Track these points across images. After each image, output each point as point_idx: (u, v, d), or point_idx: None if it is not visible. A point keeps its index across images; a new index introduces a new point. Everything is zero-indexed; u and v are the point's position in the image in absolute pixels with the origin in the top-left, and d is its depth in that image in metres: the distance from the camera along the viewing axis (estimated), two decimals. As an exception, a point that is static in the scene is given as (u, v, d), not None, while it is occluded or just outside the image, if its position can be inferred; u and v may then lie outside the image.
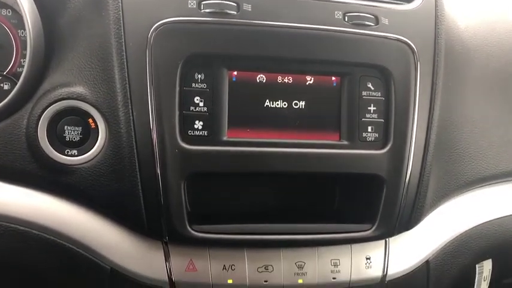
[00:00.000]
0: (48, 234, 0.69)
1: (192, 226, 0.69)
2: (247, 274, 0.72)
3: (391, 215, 0.73)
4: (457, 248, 0.82)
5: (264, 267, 0.72)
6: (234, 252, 0.72)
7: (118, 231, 0.71)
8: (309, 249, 0.74)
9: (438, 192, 0.79)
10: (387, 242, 0.77)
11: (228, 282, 0.71)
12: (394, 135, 0.73)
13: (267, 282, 0.72)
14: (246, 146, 0.69)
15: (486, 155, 0.85)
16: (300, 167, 0.71)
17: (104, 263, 0.70)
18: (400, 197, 0.73)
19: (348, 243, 0.75)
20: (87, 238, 0.70)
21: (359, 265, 0.75)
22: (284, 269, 0.73)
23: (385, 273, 0.76)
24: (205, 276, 0.70)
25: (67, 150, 0.68)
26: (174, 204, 0.67)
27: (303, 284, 0.73)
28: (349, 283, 0.74)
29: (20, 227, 0.69)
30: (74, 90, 0.68)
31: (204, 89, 0.68)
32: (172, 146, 0.66)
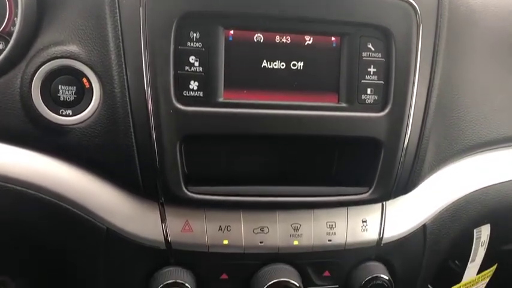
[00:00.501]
0: (45, 194, 0.69)
1: (188, 187, 0.69)
2: (243, 235, 0.72)
3: (388, 179, 0.73)
4: (455, 213, 0.82)
5: (260, 228, 0.73)
6: (230, 214, 0.72)
7: (114, 192, 0.71)
8: (305, 212, 0.74)
9: (437, 157, 0.79)
10: (384, 206, 0.77)
11: (224, 243, 0.71)
12: (393, 97, 0.71)
13: (262, 243, 0.72)
14: (242, 107, 0.68)
15: (487, 120, 0.84)
16: (297, 130, 0.70)
17: (100, 224, 0.71)
18: (398, 160, 0.72)
19: (344, 206, 0.75)
20: (84, 199, 0.70)
21: (355, 228, 0.75)
22: (280, 230, 0.73)
23: (381, 236, 0.76)
24: (201, 236, 0.71)
25: (61, 110, 0.67)
26: (170, 165, 0.67)
27: (298, 245, 0.73)
28: (345, 245, 0.75)
29: (16, 187, 0.69)
30: (67, 49, 0.67)
31: (199, 48, 0.66)
32: (167, 106, 0.65)
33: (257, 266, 0.74)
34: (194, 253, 0.71)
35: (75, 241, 0.72)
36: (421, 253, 0.80)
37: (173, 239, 0.70)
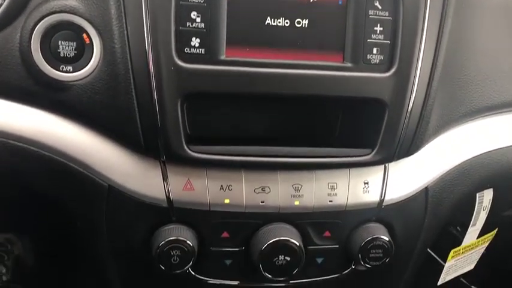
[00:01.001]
0: (46, 151, 0.69)
1: (189, 147, 0.69)
2: (244, 194, 0.72)
3: (391, 141, 0.72)
4: (458, 177, 0.82)
5: (261, 188, 0.73)
6: (231, 173, 0.72)
7: (116, 150, 0.71)
8: (307, 172, 0.74)
9: (442, 119, 0.77)
10: (386, 168, 0.77)
11: (225, 202, 0.72)
12: (399, 58, 0.70)
13: (263, 202, 0.73)
14: (244, 65, 0.67)
15: (495, 83, 0.82)
16: (301, 89, 0.69)
17: (102, 181, 0.71)
18: (402, 122, 0.71)
19: (346, 168, 0.75)
20: (85, 156, 0.70)
21: (356, 189, 0.75)
22: (281, 190, 0.73)
23: (382, 198, 0.76)
24: (202, 195, 0.71)
25: (62, 66, 0.67)
26: (171, 124, 0.67)
27: (299, 205, 0.73)
28: (346, 206, 0.75)
29: (17, 143, 0.69)
30: (67, 3, 0.65)
31: (201, 3, 0.65)
32: (167, 63, 0.64)
33: (258, 225, 0.74)
34: (195, 211, 0.72)
35: (77, 198, 0.73)
36: (422, 216, 0.80)
37: (175, 197, 0.71)
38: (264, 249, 0.72)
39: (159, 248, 0.70)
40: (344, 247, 0.77)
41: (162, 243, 0.70)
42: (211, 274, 0.77)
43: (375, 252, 0.75)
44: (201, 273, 0.76)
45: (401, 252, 0.79)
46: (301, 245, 0.73)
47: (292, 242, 0.72)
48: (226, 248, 0.75)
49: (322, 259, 0.78)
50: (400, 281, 0.85)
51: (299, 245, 0.73)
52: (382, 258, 0.75)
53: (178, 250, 0.70)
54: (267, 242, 0.72)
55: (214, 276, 0.77)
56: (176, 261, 0.70)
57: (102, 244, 0.76)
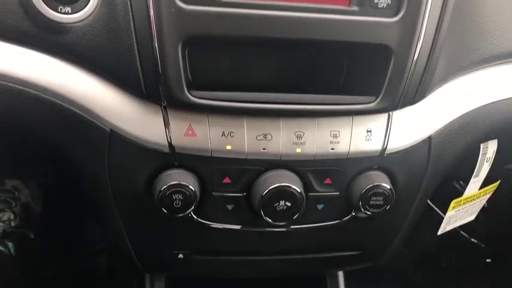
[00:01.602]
0: (46, 94, 0.69)
1: (190, 92, 0.68)
2: (246, 141, 0.72)
3: (396, 88, 0.71)
4: (462, 126, 0.81)
5: (263, 135, 0.72)
6: (233, 120, 0.72)
7: (118, 94, 0.71)
8: (309, 120, 0.73)
9: (449, 67, 0.76)
10: (390, 116, 0.76)
11: (227, 148, 0.72)
12: (407, 2, 0.67)
13: (265, 149, 0.73)
14: (247, 7, 0.65)
15: (506, 31, 0.79)
16: (305, 33, 0.67)
17: (104, 125, 0.71)
18: (408, 69, 0.70)
19: (349, 115, 0.74)
20: (86, 100, 0.70)
21: (359, 137, 0.74)
22: (283, 138, 0.73)
23: (384, 146, 0.76)
24: (204, 141, 0.71)
25: (60, 8, 0.65)
26: (172, 68, 0.65)
27: (300, 153, 0.73)
28: (348, 154, 0.75)
29: (17, 86, 0.68)
30: None
31: None
32: (168, 4, 0.62)
33: (259, 172, 0.74)
34: (197, 157, 0.72)
35: (78, 143, 0.73)
36: (424, 165, 0.80)
37: (176, 142, 0.71)
38: (265, 195, 0.72)
39: (161, 192, 0.70)
40: (345, 194, 0.77)
41: (164, 188, 0.70)
42: (213, 219, 0.78)
43: (375, 200, 0.75)
44: (203, 218, 0.77)
45: (401, 200, 0.80)
46: (301, 192, 0.73)
47: (293, 188, 0.73)
48: (227, 193, 0.75)
49: (322, 206, 0.78)
50: (399, 229, 0.86)
51: (300, 191, 0.73)
52: (382, 205, 0.76)
53: (180, 194, 0.71)
54: (268, 188, 0.72)
55: (216, 220, 0.78)
56: (178, 205, 0.71)
57: (105, 189, 0.76)
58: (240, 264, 0.85)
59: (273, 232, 0.80)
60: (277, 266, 0.87)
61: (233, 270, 0.88)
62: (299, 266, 0.88)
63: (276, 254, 0.84)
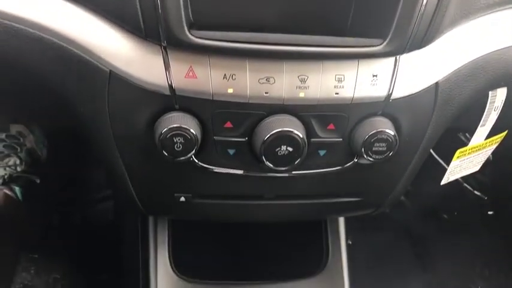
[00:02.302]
0: (45, 33, 0.67)
1: (191, 32, 0.66)
2: (248, 84, 0.70)
3: (404, 31, 0.68)
4: (471, 72, 0.78)
5: (266, 78, 0.71)
6: (235, 62, 0.70)
7: (117, 34, 0.69)
8: (313, 63, 0.71)
9: (461, 9, 0.73)
10: (397, 61, 0.73)
11: (229, 91, 0.70)
12: None
13: (267, 93, 0.71)
14: None
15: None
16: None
17: (103, 66, 0.69)
18: (418, 10, 0.67)
19: (355, 59, 0.72)
20: (85, 39, 0.68)
21: (364, 82, 0.73)
22: (286, 81, 0.71)
23: (390, 92, 0.74)
24: (205, 83, 0.69)
25: None
26: (172, 6, 0.63)
27: (304, 97, 0.72)
28: (352, 99, 0.73)
29: (14, 24, 0.67)
30: None
31: None
32: None
33: (261, 116, 0.73)
34: (198, 100, 0.71)
35: (78, 84, 0.72)
36: (429, 112, 0.79)
37: (177, 84, 0.69)
38: (267, 140, 0.72)
39: (162, 135, 0.70)
40: (348, 140, 0.76)
41: (164, 130, 0.70)
42: (215, 163, 0.77)
43: (378, 146, 0.74)
44: (205, 162, 0.77)
45: (405, 148, 0.79)
46: (304, 137, 0.72)
47: (295, 134, 0.72)
48: (229, 138, 0.75)
49: (324, 152, 0.78)
50: (401, 177, 0.86)
51: (302, 136, 0.72)
52: (385, 152, 0.75)
53: (181, 138, 0.70)
54: (270, 133, 0.71)
55: (218, 165, 0.78)
56: (179, 148, 0.71)
57: (106, 131, 0.76)
58: (241, 208, 0.86)
59: (274, 177, 0.80)
60: (278, 211, 0.87)
61: (234, 214, 0.89)
62: (300, 212, 0.89)
63: (277, 199, 0.85)
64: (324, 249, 1.07)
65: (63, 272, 1.64)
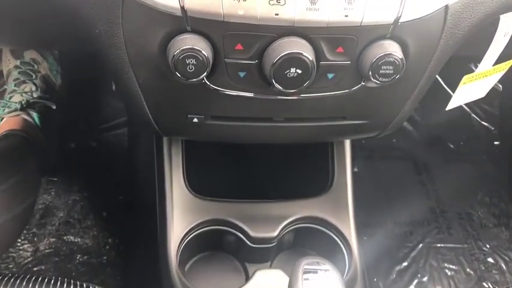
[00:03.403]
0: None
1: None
2: (258, 5, 0.71)
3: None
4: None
5: (276, 0, 0.71)
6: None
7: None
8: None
9: None
10: (407, -17, 0.73)
11: (239, 12, 0.71)
12: None
13: (278, 15, 0.72)
14: None
15: None
16: None
17: (116, -13, 0.70)
18: None
19: None
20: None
21: (374, 5, 0.73)
22: (296, 2, 0.71)
23: (399, 15, 0.74)
24: (216, 4, 0.70)
25: None
26: None
27: (314, 19, 0.73)
28: (361, 22, 0.74)
29: None
30: None
31: None
32: None
33: (271, 39, 0.75)
34: (209, 21, 0.72)
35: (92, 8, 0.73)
36: (438, 35, 0.79)
37: (188, 5, 0.70)
38: (276, 62, 0.73)
39: (175, 57, 0.72)
40: (356, 63, 0.78)
41: (177, 52, 0.72)
42: (226, 86, 0.80)
43: (385, 69, 0.76)
44: (216, 85, 0.80)
45: (411, 71, 0.80)
46: (313, 59, 0.74)
47: (304, 56, 0.73)
48: (240, 61, 0.77)
49: (333, 75, 0.80)
50: (406, 101, 0.88)
51: (311, 59, 0.74)
52: (392, 75, 0.76)
53: (194, 59, 0.72)
54: (280, 55, 0.73)
55: (229, 87, 0.80)
56: (192, 69, 0.73)
57: (121, 54, 0.78)
58: (251, 130, 0.89)
59: (283, 100, 0.83)
60: (287, 133, 0.91)
61: (245, 136, 0.93)
62: (308, 134, 0.92)
63: (286, 122, 0.88)
64: (330, 171, 1.12)
65: (82, 194, 1.73)
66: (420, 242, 1.72)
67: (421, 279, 1.63)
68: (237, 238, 1.07)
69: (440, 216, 1.79)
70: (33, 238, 1.59)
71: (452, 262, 1.68)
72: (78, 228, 1.63)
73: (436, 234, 1.74)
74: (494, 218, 1.81)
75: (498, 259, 1.70)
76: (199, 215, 1.05)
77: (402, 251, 1.69)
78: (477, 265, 1.68)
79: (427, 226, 1.76)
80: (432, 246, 1.71)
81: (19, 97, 1.48)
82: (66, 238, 1.61)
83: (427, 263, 1.67)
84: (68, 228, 1.63)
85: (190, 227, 1.04)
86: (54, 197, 1.69)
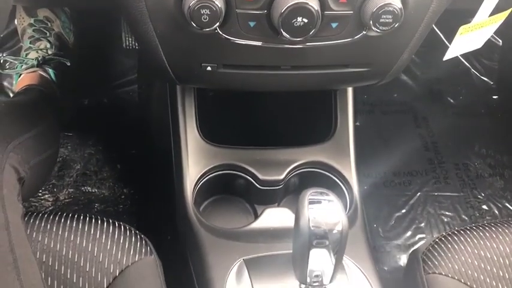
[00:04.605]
0: None
1: None
2: None
3: None
4: None
5: None
6: None
7: None
8: None
9: None
10: None
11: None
12: None
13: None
14: None
15: None
16: None
17: None
18: None
19: None
20: None
21: None
22: None
23: None
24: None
25: None
26: None
27: None
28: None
29: None
30: None
31: None
32: None
33: None
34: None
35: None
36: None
37: None
38: (284, 11, 0.80)
39: (190, 7, 0.78)
40: (358, 13, 0.84)
41: (192, 2, 0.78)
42: (237, 35, 0.86)
43: (385, 18, 0.82)
44: (228, 34, 0.86)
45: (409, 20, 0.86)
46: (318, 9, 0.80)
47: (310, 6, 0.79)
48: (250, 11, 0.83)
49: (336, 24, 0.86)
50: (405, 49, 0.94)
51: (316, 8, 0.80)
52: (391, 23, 0.82)
53: (208, 9, 0.78)
54: (287, 5, 0.79)
55: (240, 37, 0.86)
56: (206, 20, 0.80)
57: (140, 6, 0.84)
58: (260, 78, 0.96)
59: (290, 49, 0.89)
60: (294, 81, 0.98)
61: (255, 84, 1.00)
62: (313, 81, 0.99)
63: (293, 70, 0.94)
64: (333, 119, 1.19)
65: (96, 148, 1.82)
66: (418, 191, 1.81)
67: (418, 225, 1.73)
68: (247, 181, 1.16)
69: (438, 166, 1.87)
70: (53, 189, 1.69)
71: (448, 209, 1.78)
72: (94, 179, 1.72)
73: (433, 184, 1.83)
74: (490, 168, 1.89)
75: (492, 206, 1.79)
76: (211, 160, 1.14)
77: (401, 199, 1.78)
78: (472, 212, 1.78)
79: (425, 176, 1.85)
80: (429, 195, 1.80)
81: (35, 54, 1.55)
82: (83, 189, 1.70)
83: (425, 210, 1.77)
84: (85, 180, 1.72)
85: (204, 171, 1.12)
86: (71, 151, 1.77)
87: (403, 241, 1.70)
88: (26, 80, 1.48)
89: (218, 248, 0.98)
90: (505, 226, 1.01)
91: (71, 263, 0.87)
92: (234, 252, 0.96)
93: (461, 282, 0.92)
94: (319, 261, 0.78)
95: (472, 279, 0.92)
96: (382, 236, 1.70)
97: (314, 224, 0.75)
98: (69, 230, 0.92)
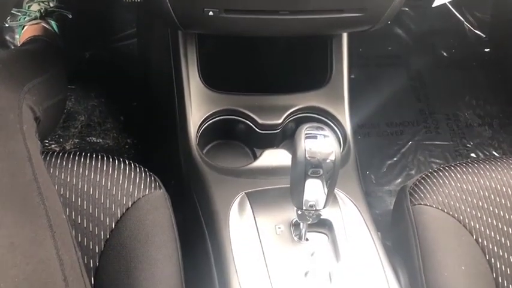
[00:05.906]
0: None
1: None
2: None
3: None
4: None
5: None
6: None
7: None
8: None
9: None
10: None
11: None
12: None
13: None
14: None
15: None
16: None
17: None
18: None
19: None
20: None
21: None
22: None
23: None
24: None
25: None
26: None
27: None
28: None
29: None
30: None
31: None
32: None
33: None
34: None
35: None
36: None
37: None
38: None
39: None
40: None
41: None
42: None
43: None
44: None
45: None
46: None
47: None
48: None
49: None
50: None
51: None
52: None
53: None
54: None
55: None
56: None
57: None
58: (260, 22, 1.01)
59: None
60: (291, 25, 1.03)
61: (254, 28, 1.04)
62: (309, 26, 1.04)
63: (291, 15, 0.99)
64: (329, 66, 1.25)
65: (99, 100, 1.87)
66: (410, 140, 1.88)
67: (409, 171, 1.82)
68: (247, 126, 1.22)
69: (429, 117, 1.94)
70: (59, 139, 1.75)
71: (438, 157, 1.86)
72: (98, 130, 1.78)
73: (424, 133, 1.91)
74: (479, 118, 1.97)
75: (480, 154, 1.88)
76: (213, 106, 1.20)
77: (393, 148, 1.86)
78: (460, 159, 1.86)
79: (416, 126, 1.92)
80: (420, 144, 1.88)
81: (37, 6, 1.57)
82: (88, 139, 1.77)
83: (415, 158, 1.85)
84: (90, 131, 1.78)
85: (206, 115, 1.19)
86: (74, 103, 1.82)
87: (394, 187, 1.79)
88: (30, 31, 1.52)
89: (221, 184, 1.06)
90: (486, 163, 1.09)
91: (86, 195, 0.95)
92: (236, 186, 1.04)
93: (443, 212, 1.01)
94: (314, 191, 0.86)
95: (454, 209, 1.01)
96: (375, 182, 1.79)
97: (310, 154, 0.83)
98: (83, 166, 0.99)
